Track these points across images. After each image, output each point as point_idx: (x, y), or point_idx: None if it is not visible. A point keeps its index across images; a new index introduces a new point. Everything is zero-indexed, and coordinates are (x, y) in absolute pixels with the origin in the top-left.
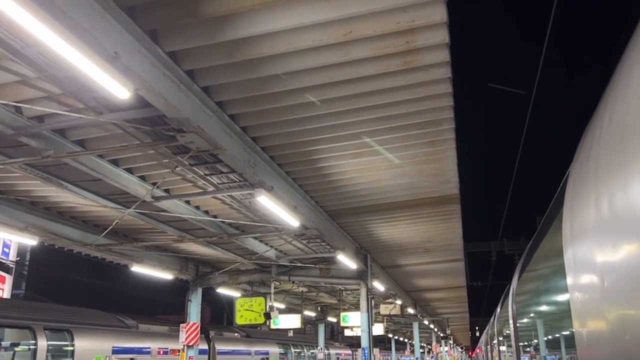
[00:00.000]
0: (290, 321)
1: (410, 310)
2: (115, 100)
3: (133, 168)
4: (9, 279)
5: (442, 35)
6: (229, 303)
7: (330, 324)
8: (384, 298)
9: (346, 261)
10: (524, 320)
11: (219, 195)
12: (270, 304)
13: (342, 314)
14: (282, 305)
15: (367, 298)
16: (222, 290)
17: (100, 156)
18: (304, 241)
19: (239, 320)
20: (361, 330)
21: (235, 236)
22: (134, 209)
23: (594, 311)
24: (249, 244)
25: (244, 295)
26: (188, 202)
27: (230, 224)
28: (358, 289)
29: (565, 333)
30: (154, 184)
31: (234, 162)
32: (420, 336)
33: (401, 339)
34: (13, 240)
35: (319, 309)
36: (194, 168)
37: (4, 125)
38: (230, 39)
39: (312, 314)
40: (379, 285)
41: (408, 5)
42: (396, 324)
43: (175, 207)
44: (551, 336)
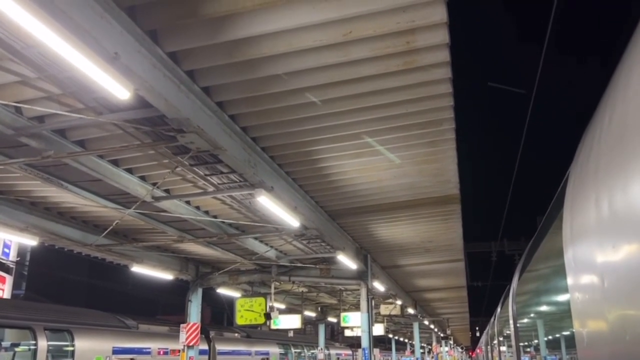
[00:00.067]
0: (290, 321)
1: (410, 311)
2: (116, 100)
3: (133, 168)
4: (9, 279)
5: (442, 36)
6: (229, 303)
7: (331, 324)
8: (384, 298)
9: (346, 261)
10: (524, 321)
11: (219, 195)
12: (271, 304)
13: (343, 314)
14: (283, 306)
15: (368, 298)
16: (222, 291)
17: (101, 156)
18: (304, 241)
19: (239, 320)
20: (361, 330)
21: (235, 236)
22: (134, 209)
23: (594, 311)
24: (249, 244)
25: (244, 296)
26: (188, 203)
27: (230, 224)
28: (358, 289)
29: (565, 333)
30: (154, 184)
31: (234, 163)
32: (420, 336)
33: (401, 339)
34: (13, 240)
35: (319, 309)
36: (194, 168)
37: (4, 126)
38: (230, 39)
39: (313, 314)
40: (379, 286)
41: (408, 6)
42: (396, 324)
43: (175, 208)
44: (551, 336)
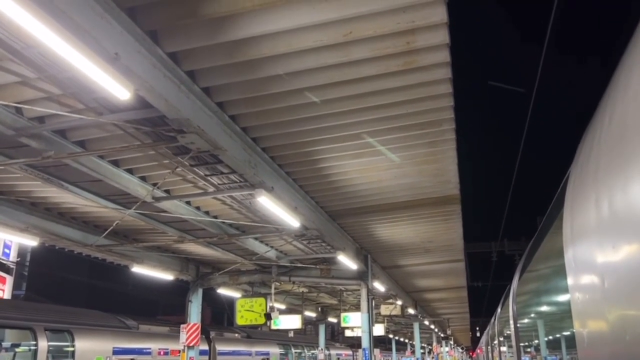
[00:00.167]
0: (290, 322)
1: (410, 311)
2: (116, 101)
3: (133, 169)
4: (9, 279)
5: (443, 36)
6: (230, 304)
7: (331, 324)
8: (384, 298)
9: (347, 262)
10: (525, 321)
11: (220, 195)
12: (271, 304)
13: (343, 315)
14: (283, 306)
15: (368, 298)
16: (223, 291)
17: (101, 157)
18: (305, 242)
19: (240, 320)
20: (362, 330)
21: (235, 237)
22: (134, 209)
23: (594, 312)
24: (249, 244)
25: (244, 296)
26: (188, 203)
27: (230, 225)
28: (358, 290)
29: (565, 333)
30: (155, 185)
31: (235, 163)
32: (420, 337)
33: (402, 339)
34: (14, 241)
35: (319, 309)
36: (195, 169)
37: (5, 126)
38: (230, 39)
39: (313, 315)
40: (379, 286)
41: (408, 6)
42: (397, 325)
43: (175, 208)
44: (552, 336)
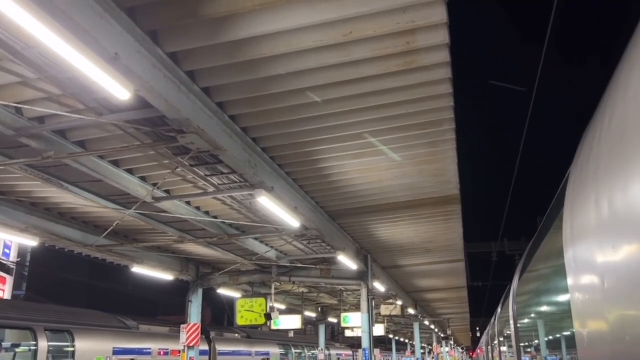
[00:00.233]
0: (290, 322)
1: (411, 311)
2: (116, 101)
3: (134, 169)
4: (9, 280)
5: (443, 36)
6: (230, 304)
7: (331, 324)
8: (384, 299)
9: (347, 262)
10: (525, 321)
11: (220, 196)
12: (271, 304)
13: (343, 315)
14: (283, 306)
15: (368, 299)
16: (223, 291)
17: (101, 157)
18: (305, 242)
19: (240, 321)
20: (362, 330)
21: (235, 237)
22: (134, 209)
23: (594, 312)
24: (249, 244)
25: (244, 296)
26: (189, 203)
27: (230, 225)
28: (359, 290)
29: (565, 333)
30: (155, 185)
31: (235, 163)
32: (421, 337)
33: (402, 339)
34: (14, 241)
35: (319, 309)
36: (195, 169)
37: (5, 127)
38: (230, 39)
39: (313, 315)
40: (379, 286)
41: (408, 6)
42: (397, 325)
43: (175, 208)
44: (552, 337)
